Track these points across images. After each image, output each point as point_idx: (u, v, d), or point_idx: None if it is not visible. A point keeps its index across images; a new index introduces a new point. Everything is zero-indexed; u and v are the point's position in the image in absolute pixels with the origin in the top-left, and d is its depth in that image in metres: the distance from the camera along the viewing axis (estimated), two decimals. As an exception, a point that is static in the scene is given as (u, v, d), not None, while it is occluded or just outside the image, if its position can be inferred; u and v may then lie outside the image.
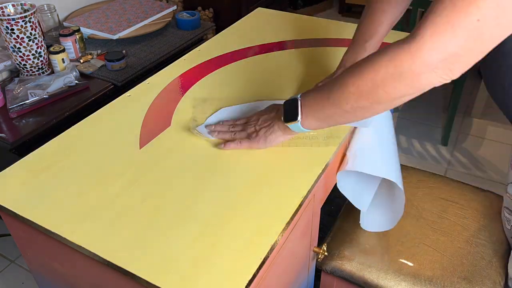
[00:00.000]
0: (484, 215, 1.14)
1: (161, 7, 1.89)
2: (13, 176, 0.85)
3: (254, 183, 0.82)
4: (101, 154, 0.90)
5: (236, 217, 0.75)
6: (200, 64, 1.23)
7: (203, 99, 1.06)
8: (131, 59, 1.58)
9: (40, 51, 1.41)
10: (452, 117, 2.20)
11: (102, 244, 0.71)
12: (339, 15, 3.88)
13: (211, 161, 0.87)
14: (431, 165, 2.17)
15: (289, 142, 0.90)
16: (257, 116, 0.91)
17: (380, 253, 1.06)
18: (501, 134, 2.37)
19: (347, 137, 0.96)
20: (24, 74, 1.43)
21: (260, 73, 1.18)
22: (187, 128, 0.97)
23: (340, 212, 1.21)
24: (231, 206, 0.77)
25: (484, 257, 1.04)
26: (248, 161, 0.87)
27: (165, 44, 1.70)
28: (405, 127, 2.44)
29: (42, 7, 1.72)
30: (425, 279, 1.00)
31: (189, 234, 0.72)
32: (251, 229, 0.73)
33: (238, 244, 0.70)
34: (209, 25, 1.89)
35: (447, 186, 1.24)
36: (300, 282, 1.02)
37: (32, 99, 1.31)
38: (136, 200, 0.79)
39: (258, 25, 1.46)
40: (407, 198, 1.20)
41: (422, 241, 1.08)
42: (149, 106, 1.05)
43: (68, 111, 1.31)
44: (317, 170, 0.84)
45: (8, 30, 1.32)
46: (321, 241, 1.09)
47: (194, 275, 0.66)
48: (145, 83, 1.15)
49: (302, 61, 1.23)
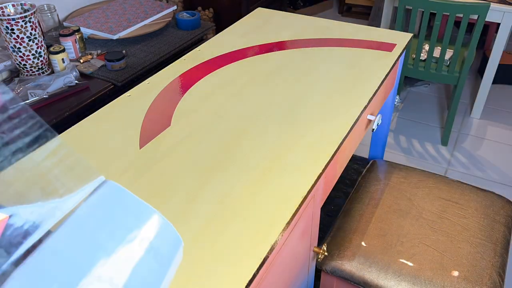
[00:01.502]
0: (484, 215, 1.14)
1: (161, 7, 1.89)
2: (13, 176, 0.85)
3: (254, 183, 0.82)
4: (101, 154, 0.90)
5: (236, 217, 0.75)
6: (200, 64, 1.23)
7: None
8: (131, 59, 1.58)
9: (40, 51, 1.41)
10: (452, 117, 2.21)
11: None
12: (339, 15, 3.88)
13: (211, 161, 0.87)
14: (431, 165, 2.17)
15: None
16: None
17: (380, 253, 1.06)
18: (501, 134, 2.37)
19: (347, 137, 0.96)
20: (24, 74, 1.43)
21: (260, 73, 1.18)
22: (187, 128, 0.97)
23: (340, 212, 1.21)
24: (231, 206, 0.77)
25: (484, 257, 1.04)
26: (248, 162, 0.87)
27: (165, 44, 1.70)
28: (405, 127, 2.44)
29: (42, 7, 1.72)
30: (425, 279, 1.00)
31: (189, 234, 0.72)
32: (251, 229, 0.73)
33: (238, 244, 0.70)
34: (209, 25, 1.89)
35: (447, 186, 1.24)
36: (300, 282, 1.02)
37: (32, 99, 1.31)
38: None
39: (258, 25, 1.46)
40: (407, 198, 1.20)
41: (422, 241, 1.08)
42: (149, 106, 1.05)
43: (68, 111, 1.31)
44: (317, 170, 0.84)
45: (8, 30, 1.32)
46: (321, 241, 1.09)
47: (194, 275, 0.66)
48: (145, 83, 1.15)
49: (302, 61, 1.23)
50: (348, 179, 1.66)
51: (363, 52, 1.28)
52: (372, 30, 1.41)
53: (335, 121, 0.98)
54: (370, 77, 1.15)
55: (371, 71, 1.18)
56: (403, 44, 1.32)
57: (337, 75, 1.16)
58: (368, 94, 1.08)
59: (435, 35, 2.02)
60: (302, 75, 1.16)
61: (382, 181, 1.28)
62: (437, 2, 1.94)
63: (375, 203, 1.20)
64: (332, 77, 1.15)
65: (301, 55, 1.26)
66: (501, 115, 2.53)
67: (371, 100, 1.07)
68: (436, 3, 1.94)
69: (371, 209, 1.18)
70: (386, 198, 1.21)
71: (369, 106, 1.08)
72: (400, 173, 1.30)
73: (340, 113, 1.01)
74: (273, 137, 0.93)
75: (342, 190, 1.59)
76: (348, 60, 1.23)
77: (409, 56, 2.23)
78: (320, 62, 1.23)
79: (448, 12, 1.95)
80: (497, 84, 2.75)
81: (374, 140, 1.64)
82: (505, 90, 2.74)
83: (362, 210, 1.18)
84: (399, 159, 2.21)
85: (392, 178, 1.28)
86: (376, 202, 1.20)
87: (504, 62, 2.66)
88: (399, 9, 2.10)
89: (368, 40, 1.34)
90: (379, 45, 1.31)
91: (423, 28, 2.04)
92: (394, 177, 1.28)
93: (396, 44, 1.32)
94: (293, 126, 0.97)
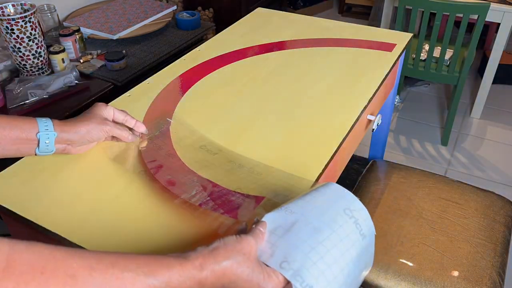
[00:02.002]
0: (484, 215, 1.14)
1: (161, 7, 1.89)
2: (13, 176, 0.85)
3: (254, 183, 0.82)
4: (101, 154, 0.90)
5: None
6: (200, 64, 1.23)
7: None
8: (131, 59, 1.58)
9: (40, 51, 1.41)
10: (452, 117, 2.21)
11: (102, 244, 0.71)
12: (339, 15, 3.88)
13: (210, 161, 0.87)
14: (431, 165, 2.17)
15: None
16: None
17: (380, 253, 1.06)
18: (501, 134, 2.37)
19: (347, 137, 0.96)
20: (24, 74, 1.43)
21: (260, 73, 1.18)
22: (187, 128, 0.97)
23: (340, 212, 1.21)
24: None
25: (484, 257, 1.04)
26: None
27: (165, 44, 1.70)
28: (405, 127, 2.44)
29: (42, 7, 1.72)
30: (425, 279, 1.00)
31: (189, 233, 0.72)
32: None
33: (238, 244, 0.70)
34: (209, 25, 1.89)
35: (447, 186, 1.24)
36: (300, 282, 1.02)
37: (32, 99, 1.31)
38: (136, 200, 0.79)
39: (258, 25, 1.46)
40: (407, 198, 1.20)
41: (422, 241, 1.08)
42: (149, 106, 1.05)
43: (68, 111, 1.31)
44: (317, 170, 0.84)
45: (8, 30, 1.32)
46: (321, 241, 1.09)
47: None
48: (145, 83, 1.15)
49: (302, 61, 1.23)
50: (348, 179, 1.66)
51: (363, 52, 1.28)
52: (372, 30, 1.41)
53: (335, 121, 0.98)
54: (370, 77, 1.15)
55: (371, 71, 1.18)
56: (403, 44, 1.32)
57: (337, 75, 1.16)
58: (368, 94, 1.08)
59: (435, 35, 2.02)
60: (302, 75, 1.16)
61: (382, 181, 1.28)
62: (437, 2, 1.94)
63: (375, 203, 1.20)
64: (332, 77, 1.15)
65: (301, 55, 1.26)
66: (501, 115, 2.53)
67: (371, 100, 1.07)
68: (436, 3, 1.94)
69: (371, 209, 1.18)
70: (386, 198, 1.21)
71: (369, 106, 1.08)
72: (400, 173, 1.30)
73: (340, 113, 1.01)
74: (273, 137, 0.93)
75: (342, 190, 1.59)
76: (348, 60, 1.23)
77: (409, 56, 2.23)
78: (320, 62, 1.23)
79: (448, 12, 1.95)
80: (497, 84, 2.75)
81: (374, 140, 1.64)
82: (505, 90, 2.74)
83: (362, 210, 1.18)
84: (399, 159, 2.21)
85: (392, 178, 1.28)
86: (376, 202, 1.20)
87: (504, 62, 2.66)
88: (399, 9, 2.10)
89: (368, 40, 1.34)
90: (379, 45, 1.31)
91: (423, 28, 2.04)
92: (394, 177, 1.28)
93: (396, 44, 1.32)
94: (293, 126, 0.97)
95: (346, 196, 0.65)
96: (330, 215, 0.62)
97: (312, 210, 0.62)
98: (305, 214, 0.61)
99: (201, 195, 0.76)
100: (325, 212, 0.62)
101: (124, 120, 0.88)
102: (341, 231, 0.60)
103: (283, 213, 0.62)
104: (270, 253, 0.58)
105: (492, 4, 2.09)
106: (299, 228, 0.60)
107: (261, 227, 0.60)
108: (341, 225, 0.61)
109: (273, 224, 0.61)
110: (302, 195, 0.65)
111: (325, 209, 0.62)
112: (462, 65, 2.10)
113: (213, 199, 0.75)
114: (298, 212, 0.61)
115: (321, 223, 0.60)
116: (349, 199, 0.65)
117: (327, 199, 0.64)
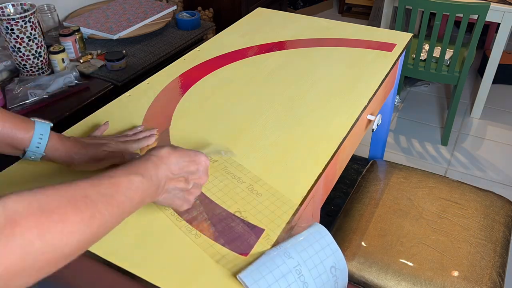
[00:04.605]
0: (484, 215, 1.14)
1: (161, 7, 1.89)
2: (13, 176, 0.85)
3: (254, 183, 0.82)
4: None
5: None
6: (200, 64, 1.23)
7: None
8: (131, 59, 1.58)
9: (40, 51, 1.41)
10: (452, 117, 2.21)
11: (102, 244, 0.71)
12: (339, 15, 3.88)
13: (209, 162, 0.87)
14: (431, 165, 2.17)
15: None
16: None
17: (380, 253, 1.06)
18: (501, 134, 2.37)
19: (347, 137, 0.96)
20: (24, 74, 1.43)
21: (260, 73, 1.18)
22: (187, 128, 0.97)
23: (340, 212, 1.21)
24: (231, 206, 0.77)
25: (484, 257, 1.04)
26: (248, 162, 0.87)
27: (165, 44, 1.70)
28: (405, 127, 2.44)
29: (42, 7, 1.72)
30: (425, 279, 1.00)
31: (189, 234, 0.72)
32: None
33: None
34: (209, 25, 1.89)
35: (447, 186, 1.24)
36: (300, 282, 1.02)
37: (32, 99, 1.31)
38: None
39: (258, 25, 1.46)
40: (407, 198, 1.20)
41: (422, 241, 1.08)
42: (149, 106, 1.05)
43: (68, 111, 1.31)
44: (317, 170, 0.84)
45: (8, 30, 1.32)
46: (321, 241, 1.09)
47: (191, 281, 0.66)
48: (145, 83, 1.15)
49: (302, 61, 1.23)
50: (348, 179, 1.66)
51: (363, 52, 1.28)
52: (372, 30, 1.41)
53: (335, 121, 0.98)
54: (370, 77, 1.15)
55: (371, 71, 1.18)
56: (403, 44, 1.32)
57: (337, 75, 1.16)
58: (368, 94, 1.08)
59: (435, 35, 2.02)
60: (302, 75, 1.16)
61: (382, 181, 1.28)
62: (437, 2, 1.94)
63: (375, 203, 1.20)
64: (332, 77, 1.15)
65: (301, 55, 1.26)
66: (501, 115, 2.53)
67: (371, 100, 1.07)
68: (436, 3, 1.94)
69: (371, 209, 1.18)
70: (386, 198, 1.21)
71: (369, 106, 1.08)
72: (400, 173, 1.30)
73: (340, 113, 1.01)
74: (273, 137, 0.93)
75: (342, 190, 1.59)
76: (348, 60, 1.24)
77: (409, 56, 2.23)
78: (320, 62, 1.23)
79: (448, 12, 1.95)
80: (497, 84, 2.75)
81: (374, 140, 1.64)
82: (505, 90, 2.74)
83: (362, 210, 1.18)
84: (399, 159, 2.21)
85: (392, 178, 1.28)
86: (376, 202, 1.20)
87: (504, 62, 2.66)
88: (399, 9, 2.10)
89: (368, 40, 1.35)
90: (379, 45, 1.31)
91: (423, 28, 2.04)
92: (394, 177, 1.28)
93: (396, 44, 1.32)
94: (293, 126, 0.97)
95: (336, 254, 0.71)
96: (319, 271, 0.69)
97: (306, 261, 0.68)
98: (301, 263, 0.68)
99: (201, 217, 0.75)
100: (317, 265, 0.69)
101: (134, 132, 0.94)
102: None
103: (282, 255, 0.67)
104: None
105: (492, 4, 2.09)
106: (289, 270, 0.66)
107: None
108: (324, 283, 0.69)
109: (273, 263, 0.65)
110: (299, 237, 0.71)
111: (317, 263, 0.69)
112: (462, 65, 2.10)
113: (213, 224, 0.74)
114: (295, 258, 0.68)
115: (310, 280, 0.67)
116: (337, 256, 0.71)
117: (320, 250, 0.70)
